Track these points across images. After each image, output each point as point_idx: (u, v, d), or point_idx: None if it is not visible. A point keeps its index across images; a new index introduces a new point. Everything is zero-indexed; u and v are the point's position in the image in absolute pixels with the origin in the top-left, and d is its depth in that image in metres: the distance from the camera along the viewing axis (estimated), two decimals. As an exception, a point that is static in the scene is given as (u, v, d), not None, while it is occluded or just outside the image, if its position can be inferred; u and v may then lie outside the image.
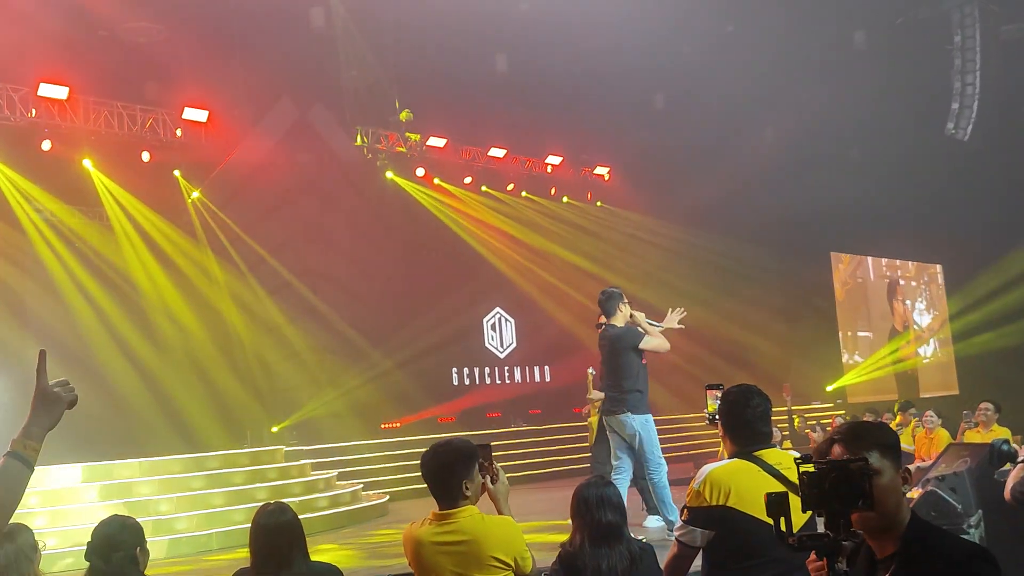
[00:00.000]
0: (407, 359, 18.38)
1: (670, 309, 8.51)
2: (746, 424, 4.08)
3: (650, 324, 8.37)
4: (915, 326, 30.14)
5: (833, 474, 2.39)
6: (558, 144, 21.97)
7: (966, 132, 23.47)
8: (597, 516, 4.52)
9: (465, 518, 4.01)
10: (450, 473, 4.04)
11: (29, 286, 15.32)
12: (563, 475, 17.26)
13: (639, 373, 8.32)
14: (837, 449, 2.66)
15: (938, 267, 31.05)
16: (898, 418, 14.42)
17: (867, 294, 29.54)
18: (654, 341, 8.30)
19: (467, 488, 4.07)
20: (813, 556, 2.49)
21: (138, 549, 4.36)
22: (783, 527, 2.43)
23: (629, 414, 8.22)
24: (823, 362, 26.69)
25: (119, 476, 11.58)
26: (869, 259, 29.46)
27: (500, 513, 4.22)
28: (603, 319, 8.49)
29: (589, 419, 12.37)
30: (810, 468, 2.43)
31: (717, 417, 4.39)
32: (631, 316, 8.40)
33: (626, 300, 8.48)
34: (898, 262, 30.24)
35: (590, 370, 11.92)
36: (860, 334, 28.91)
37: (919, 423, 12.49)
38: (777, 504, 2.44)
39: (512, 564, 4.02)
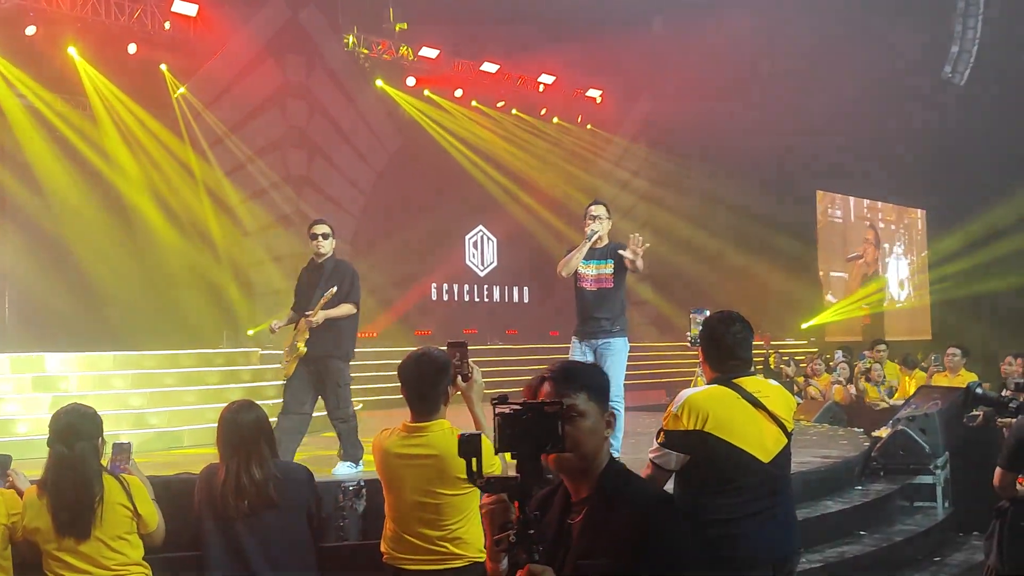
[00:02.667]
0: (387, 271, 18.34)
1: (631, 236, 7.36)
2: (727, 349, 4.09)
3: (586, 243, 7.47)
4: (881, 274, 30.22)
5: (526, 415, 2.32)
6: (552, 63, 21.67)
7: (963, 76, 23.35)
8: None
9: (435, 432, 3.99)
10: (431, 384, 4.03)
11: (7, 171, 15.11)
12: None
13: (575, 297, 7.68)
14: (547, 387, 2.59)
15: (919, 212, 31.11)
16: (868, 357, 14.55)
17: (845, 235, 29.62)
18: (560, 263, 7.60)
19: (446, 396, 4.07)
20: (486, 497, 2.40)
21: (99, 439, 4.35)
22: (474, 467, 2.34)
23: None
24: (801, 299, 26.85)
25: (95, 367, 11.55)
26: (851, 200, 29.47)
27: (472, 411, 4.18)
28: None
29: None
30: (505, 409, 2.34)
31: (699, 341, 4.40)
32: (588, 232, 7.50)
33: (594, 214, 7.53)
34: (879, 204, 30.26)
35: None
36: (833, 274, 29.06)
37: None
38: (468, 444, 2.36)
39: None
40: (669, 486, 4.12)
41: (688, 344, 4.52)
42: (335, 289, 7.46)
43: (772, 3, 20.46)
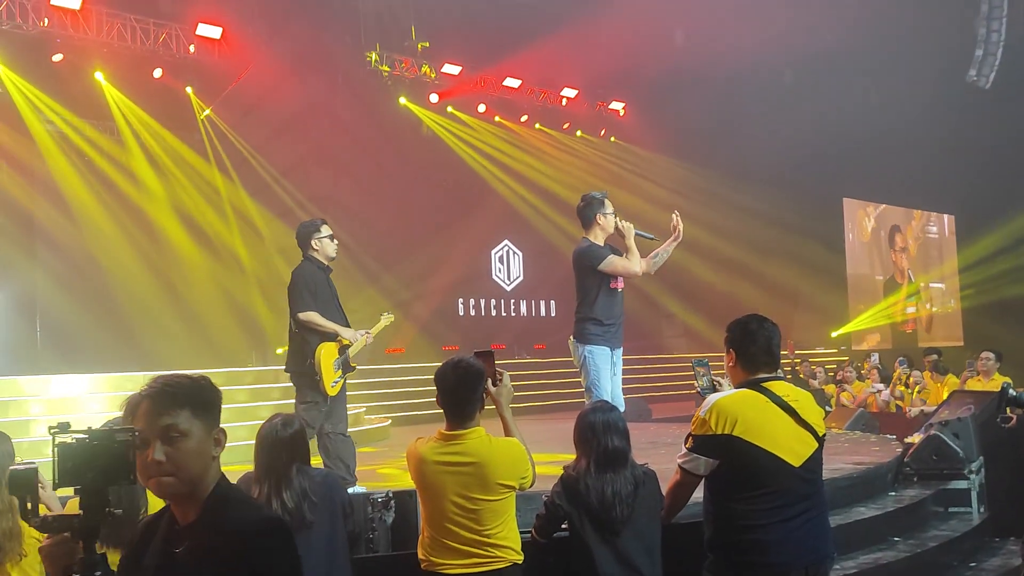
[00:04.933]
0: (414, 286, 18.39)
1: (674, 215, 7.05)
2: (763, 343, 4.05)
3: (640, 235, 6.95)
4: (911, 281, 29.99)
5: (94, 444, 2.13)
6: (574, 77, 21.72)
7: (988, 80, 23.17)
8: (604, 441, 4.51)
9: (472, 439, 4.03)
10: (469, 391, 4.06)
11: (38, 196, 15.31)
12: (567, 408, 17.33)
13: (598, 299, 6.84)
14: (144, 405, 2.35)
15: (946, 217, 30.88)
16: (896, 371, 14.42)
17: (873, 242, 29.44)
18: (619, 263, 6.80)
19: (482, 403, 4.10)
20: (47, 539, 2.22)
21: None
22: (28, 505, 2.16)
23: (573, 339, 6.93)
24: (830, 308, 26.68)
25: (125, 388, 11.63)
26: (880, 206, 29.28)
27: (502, 415, 4.25)
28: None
29: None
30: (67, 439, 2.14)
31: (705, 390, 4.43)
32: (618, 225, 6.94)
33: (611, 209, 6.97)
34: (908, 211, 30.06)
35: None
36: (862, 282, 28.84)
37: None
38: (19, 479, 2.16)
39: (515, 484, 4.06)
40: (699, 492, 4.11)
41: (698, 394, 4.49)
42: (391, 318, 7.44)
43: (795, 11, 20.38)
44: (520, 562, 4.10)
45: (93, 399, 11.02)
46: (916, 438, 8.93)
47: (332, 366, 7.12)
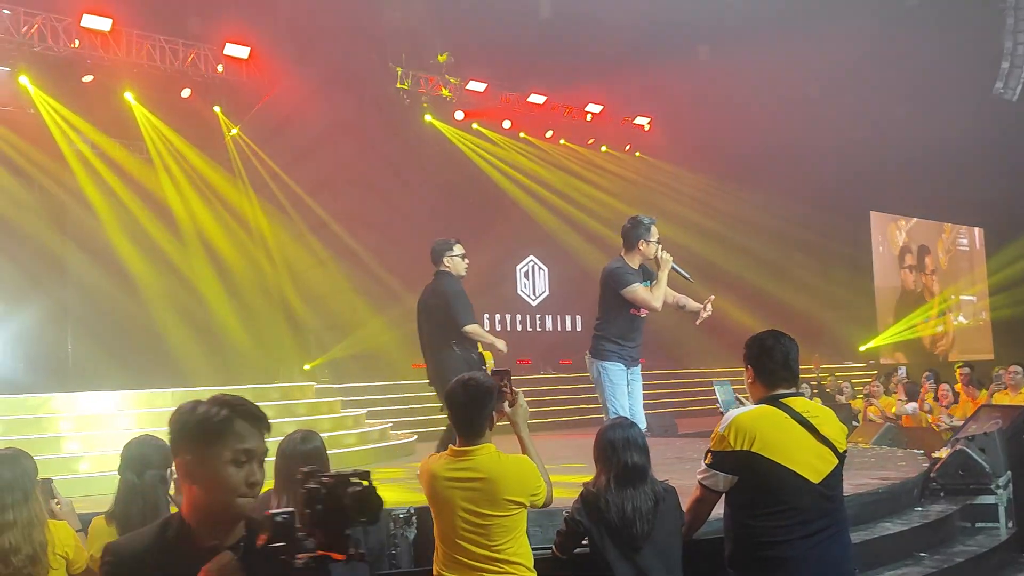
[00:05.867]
0: (440, 303, 18.44)
1: (708, 299, 7.18)
2: (781, 359, 4.05)
3: (676, 270, 7.04)
4: (940, 294, 29.77)
5: (336, 488, 2.15)
6: (599, 92, 21.77)
7: (1015, 92, 23.04)
8: (623, 458, 4.52)
9: (482, 456, 4.07)
10: (479, 408, 4.09)
11: (68, 215, 15.52)
12: (592, 424, 17.32)
13: (617, 320, 7.01)
14: (246, 425, 2.38)
15: (976, 230, 30.66)
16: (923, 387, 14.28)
17: (901, 256, 29.26)
18: (641, 294, 6.92)
19: (492, 421, 4.13)
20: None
21: (168, 470, 4.43)
22: None
23: (589, 355, 7.14)
24: (857, 322, 26.53)
25: (153, 404, 11.74)
26: (907, 220, 29.11)
27: (519, 435, 4.30)
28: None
29: None
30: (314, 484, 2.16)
31: (738, 401, 4.45)
32: (657, 256, 7.01)
33: (656, 237, 7.05)
34: (935, 224, 29.88)
35: None
36: (890, 296, 28.64)
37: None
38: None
39: (525, 501, 4.08)
40: (719, 508, 4.12)
41: (720, 412, 4.51)
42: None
43: (818, 25, 20.35)
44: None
45: (123, 416, 11.12)
46: (943, 453, 8.87)
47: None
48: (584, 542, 4.63)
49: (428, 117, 19.72)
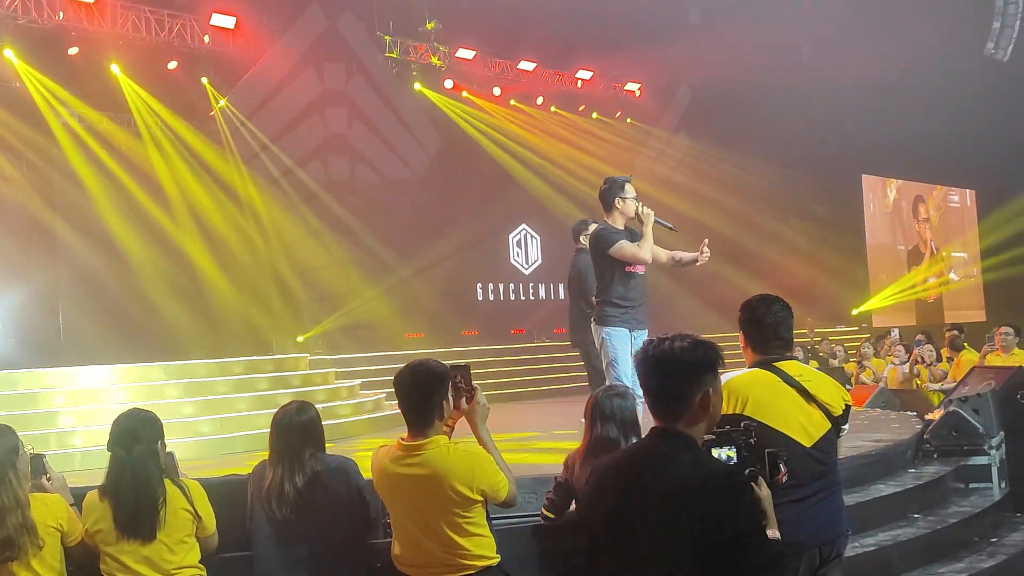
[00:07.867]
0: (432, 272, 18.41)
1: (703, 243, 6.99)
2: (770, 328, 4.05)
3: (660, 224, 6.97)
4: (935, 252, 29.79)
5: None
6: (589, 59, 21.64)
7: (1006, 52, 22.94)
8: (599, 429, 4.46)
9: (431, 450, 3.92)
10: (426, 394, 3.95)
11: (57, 190, 15.42)
12: (586, 391, 17.34)
13: (613, 281, 6.92)
14: None
15: (968, 191, 30.64)
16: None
17: (894, 219, 29.25)
18: (628, 249, 6.84)
19: (441, 411, 3.98)
20: None
21: (159, 443, 4.42)
22: None
23: (594, 323, 7.05)
24: (850, 285, 26.55)
25: (146, 378, 11.74)
26: (899, 182, 29.08)
27: (476, 433, 4.17)
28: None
29: None
30: None
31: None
32: (638, 212, 6.96)
33: (633, 194, 7.01)
34: (928, 186, 29.86)
35: None
36: (882, 259, 28.63)
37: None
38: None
39: (478, 496, 3.94)
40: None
41: None
42: None
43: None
44: (495, 564, 4.05)
45: (116, 390, 11.12)
46: (936, 415, 8.89)
47: None
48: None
49: (417, 85, 19.59)
